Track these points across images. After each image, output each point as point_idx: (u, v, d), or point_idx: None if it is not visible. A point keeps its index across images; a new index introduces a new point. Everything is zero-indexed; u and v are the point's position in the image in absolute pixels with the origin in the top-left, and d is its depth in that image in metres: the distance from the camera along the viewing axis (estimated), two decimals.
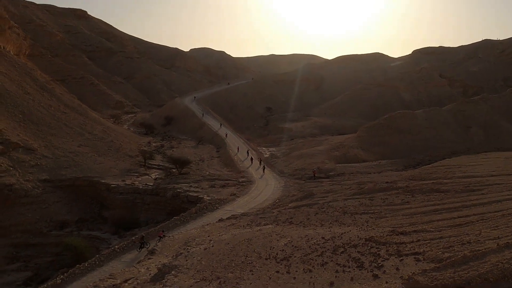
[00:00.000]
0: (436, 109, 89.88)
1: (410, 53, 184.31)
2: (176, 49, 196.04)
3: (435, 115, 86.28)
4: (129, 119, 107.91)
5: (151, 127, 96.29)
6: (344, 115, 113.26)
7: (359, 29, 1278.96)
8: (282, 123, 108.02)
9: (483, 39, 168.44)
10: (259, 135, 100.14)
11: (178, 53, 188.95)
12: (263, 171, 62.13)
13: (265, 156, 75.19)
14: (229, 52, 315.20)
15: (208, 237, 29.36)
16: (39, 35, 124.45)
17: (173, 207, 50.84)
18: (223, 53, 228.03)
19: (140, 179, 57.95)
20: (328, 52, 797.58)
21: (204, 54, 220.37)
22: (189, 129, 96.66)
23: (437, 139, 79.62)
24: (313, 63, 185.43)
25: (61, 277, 29.53)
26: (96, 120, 76.46)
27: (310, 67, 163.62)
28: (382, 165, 65.67)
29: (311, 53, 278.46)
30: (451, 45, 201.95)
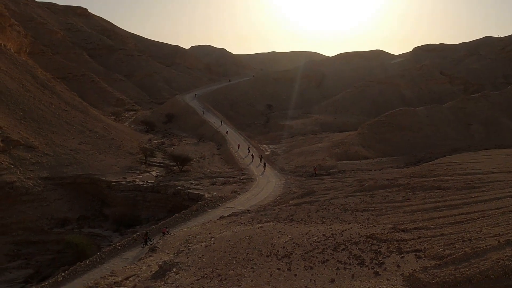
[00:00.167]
0: (437, 106, 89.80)
1: (411, 50, 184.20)
2: (176, 46, 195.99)
3: (436, 112, 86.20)
4: (130, 117, 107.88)
5: (152, 125, 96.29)
6: (345, 112, 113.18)
7: (359, 26, 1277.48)
8: (283, 121, 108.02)
9: (484, 36, 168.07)
10: (259, 132, 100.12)
11: (178, 51, 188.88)
12: (264, 168, 62.13)
13: (266, 153, 75.15)
14: (229, 49, 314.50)
15: (209, 234, 29.38)
16: (40, 32, 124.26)
17: (174, 205, 50.89)
18: (223, 51, 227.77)
19: (141, 176, 57.98)
20: (329, 49, 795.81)
21: (204, 51, 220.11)
22: (190, 126, 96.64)
23: (438, 136, 79.56)
24: (314, 60, 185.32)
25: (62, 274, 29.61)
26: (97, 117, 76.45)
27: (311, 64, 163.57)
28: (383, 162, 65.61)
29: (312, 50, 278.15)
30: (452, 42, 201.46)
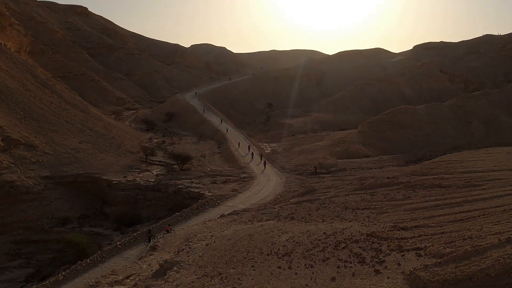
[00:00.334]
0: (437, 105, 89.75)
1: (411, 48, 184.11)
2: (176, 45, 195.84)
3: (436, 111, 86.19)
4: (130, 116, 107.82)
5: (152, 123, 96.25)
6: (345, 110, 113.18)
7: (359, 24, 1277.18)
8: (283, 119, 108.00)
9: (484, 34, 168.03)
10: (260, 131, 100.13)
11: (178, 49, 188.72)
12: (264, 167, 62.13)
13: (266, 152, 75.14)
14: (229, 48, 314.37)
15: (209, 233, 29.40)
16: (40, 32, 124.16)
17: (174, 203, 50.89)
18: (223, 49, 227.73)
19: (141, 175, 57.96)
20: (329, 47, 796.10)
21: (204, 50, 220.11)
22: (190, 125, 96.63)
23: (438, 135, 79.56)
24: (314, 58, 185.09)
25: (63, 273, 29.60)
26: (97, 116, 76.43)
27: (311, 62, 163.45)
28: (383, 160, 65.59)
29: (312, 49, 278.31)
30: (452, 40, 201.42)
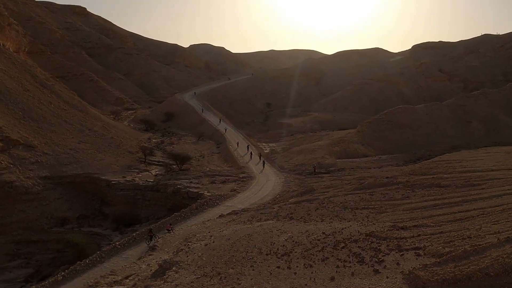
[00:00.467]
0: (436, 104, 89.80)
1: (409, 48, 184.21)
2: (175, 45, 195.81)
3: (435, 110, 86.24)
4: (129, 116, 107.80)
5: (151, 123, 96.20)
6: (344, 110, 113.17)
7: (358, 24, 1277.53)
8: (282, 119, 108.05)
9: (483, 34, 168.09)
10: (259, 130, 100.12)
11: (177, 49, 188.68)
12: (263, 166, 62.13)
13: (265, 151, 75.12)
14: (228, 48, 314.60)
15: (208, 233, 29.40)
16: (39, 32, 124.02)
17: (173, 203, 50.87)
18: (222, 49, 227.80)
19: (140, 175, 57.92)
20: (327, 47, 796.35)
21: (203, 50, 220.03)
22: (189, 125, 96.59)
23: (437, 134, 79.60)
24: (312, 58, 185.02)
25: (62, 273, 29.57)
26: (96, 116, 76.37)
27: (310, 62, 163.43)
28: (382, 160, 65.63)
29: (311, 49, 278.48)
30: (451, 40, 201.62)
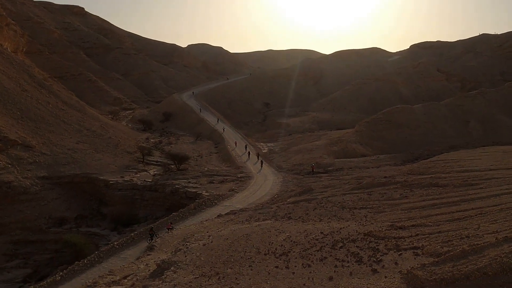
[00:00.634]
0: (434, 104, 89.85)
1: (407, 47, 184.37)
2: (173, 45, 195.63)
3: (433, 110, 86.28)
4: (127, 116, 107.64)
5: (149, 123, 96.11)
6: (342, 110, 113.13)
7: (356, 24, 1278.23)
8: (280, 118, 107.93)
9: (481, 33, 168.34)
10: (257, 130, 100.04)
11: (175, 49, 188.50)
12: (261, 166, 62.14)
13: (263, 151, 75.11)
14: (227, 47, 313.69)
15: (207, 232, 29.40)
16: (37, 32, 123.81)
17: (171, 203, 50.86)
18: (220, 49, 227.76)
19: (138, 175, 57.88)
20: (326, 47, 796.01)
21: (202, 50, 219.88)
22: (187, 125, 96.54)
23: (435, 134, 79.63)
24: (311, 58, 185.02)
25: (61, 274, 29.55)
26: (94, 116, 76.28)
27: (308, 62, 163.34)
28: (380, 159, 65.65)
29: (309, 48, 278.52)
30: (449, 40, 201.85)
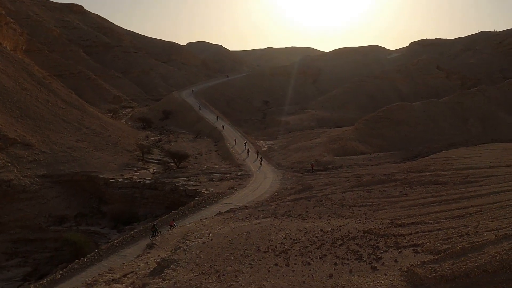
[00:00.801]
0: (433, 101, 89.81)
1: (407, 45, 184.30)
2: (173, 43, 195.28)
3: (433, 107, 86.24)
4: (127, 114, 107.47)
5: (148, 121, 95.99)
6: (341, 107, 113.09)
7: (355, 21, 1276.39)
8: (279, 116, 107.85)
9: (480, 31, 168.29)
10: (256, 128, 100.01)
11: (175, 47, 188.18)
12: (261, 164, 62.15)
13: (263, 149, 75.12)
14: (226, 45, 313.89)
15: (206, 230, 29.40)
16: (36, 30, 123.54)
17: (171, 201, 50.87)
18: (220, 47, 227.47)
19: (138, 173, 57.89)
20: (325, 44, 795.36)
21: (201, 47, 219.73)
22: (187, 123, 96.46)
23: (435, 131, 79.62)
24: (310, 56, 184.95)
25: (61, 272, 29.57)
26: (93, 114, 76.24)
27: (307, 60, 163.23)
28: (380, 157, 65.65)
29: (308, 46, 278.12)
30: (448, 37, 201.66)
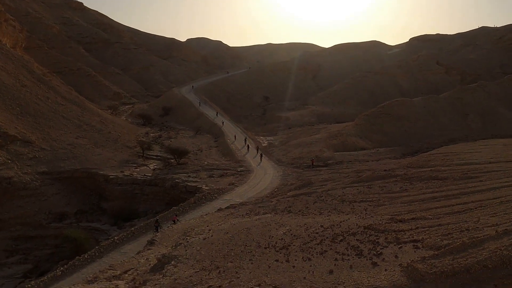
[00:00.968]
0: (433, 97, 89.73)
1: (407, 40, 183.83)
2: (173, 39, 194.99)
3: (433, 103, 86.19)
4: (127, 110, 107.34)
5: (149, 118, 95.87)
6: (342, 103, 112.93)
7: (355, 17, 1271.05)
8: (279, 112, 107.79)
9: (480, 26, 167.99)
10: (257, 124, 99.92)
11: (175, 43, 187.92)
12: (261, 160, 62.16)
13: (263, 145, 75.10)
14: (226, 41, 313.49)
15: (207, 227, 29.42)
16: (36, 27, 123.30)
17: (171, 198, 50.90)
18: (220, 43, 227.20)
19: (138, 170, 57.90)
20: (325, 40, 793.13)
21: (201, 44, 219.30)
22: (187, 119, 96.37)
23: (435, 127, 79.61)
24: (310, 51, 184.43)
25: (61, 269, 29.61)
26: (93, 111, 76.15)
27: (307, 55, 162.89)
28: (380, 153, 65.64)
29: (308, 42, 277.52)
30: (448, 33, 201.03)
